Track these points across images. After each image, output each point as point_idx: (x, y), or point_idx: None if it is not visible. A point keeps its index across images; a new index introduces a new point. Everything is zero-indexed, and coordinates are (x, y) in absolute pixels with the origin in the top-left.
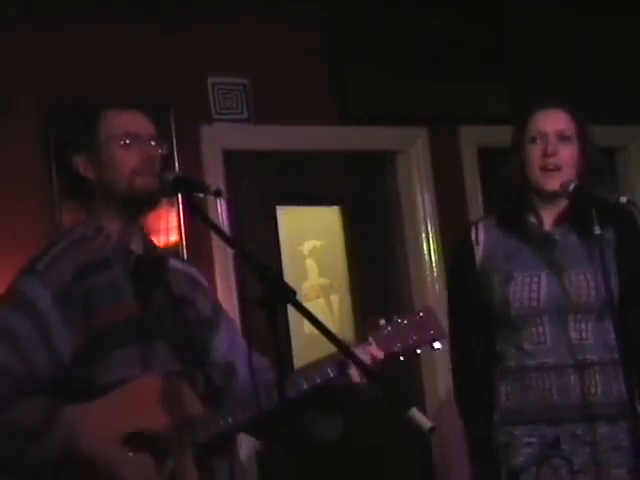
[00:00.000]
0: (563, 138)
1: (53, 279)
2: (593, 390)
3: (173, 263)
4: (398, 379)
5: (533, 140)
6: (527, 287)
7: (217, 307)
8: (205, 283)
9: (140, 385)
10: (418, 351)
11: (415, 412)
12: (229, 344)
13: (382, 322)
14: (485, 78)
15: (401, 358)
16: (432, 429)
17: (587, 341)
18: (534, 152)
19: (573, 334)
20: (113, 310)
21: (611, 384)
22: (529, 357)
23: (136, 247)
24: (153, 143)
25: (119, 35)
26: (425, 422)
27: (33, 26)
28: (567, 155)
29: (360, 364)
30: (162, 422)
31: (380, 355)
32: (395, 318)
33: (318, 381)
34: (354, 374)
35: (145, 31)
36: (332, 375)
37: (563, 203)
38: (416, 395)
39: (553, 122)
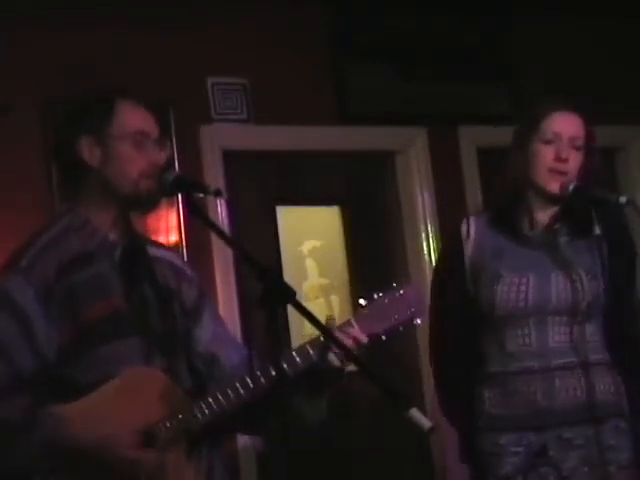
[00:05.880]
0: (575, 145)
1: (37, 276)
2: (579, 392)
3: (154, 251)
4: (398, 379)
5: (548, 141)
6: (515, 288)
7: (200, 295)
8: (188, 270)
9: (125, 381)
10: (400, 328)
11: (415, 412)
12: (212, 333)
13: (363, 302)
14: (485, 78)
15: (383, 338)
16: (431, 429)
17: (572, 343)
18: (545, 153)
19: (558, 337)
20: (98, 306)
21: (598, 385)
22: (513, 360)
23: (121, 238)
24: (157, 145)
25: (119, 35)
26: (425, 422)
27: (33, 26)
28: (575, 162)
29: (359, 363)
30: (150, 417)
31: (363, 338)
32: (375, 296)
33: (300, 364)
34: (333, 359)
35: (145, 31)
36: (314, 358)
37: (559, 205)
38: (416, 395)
39: (569, 126)
